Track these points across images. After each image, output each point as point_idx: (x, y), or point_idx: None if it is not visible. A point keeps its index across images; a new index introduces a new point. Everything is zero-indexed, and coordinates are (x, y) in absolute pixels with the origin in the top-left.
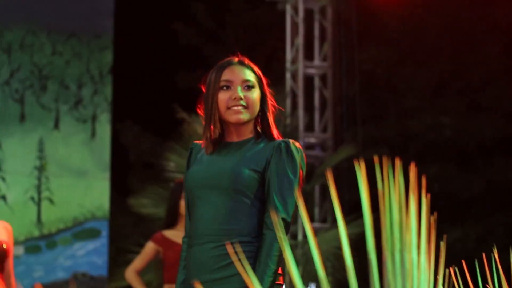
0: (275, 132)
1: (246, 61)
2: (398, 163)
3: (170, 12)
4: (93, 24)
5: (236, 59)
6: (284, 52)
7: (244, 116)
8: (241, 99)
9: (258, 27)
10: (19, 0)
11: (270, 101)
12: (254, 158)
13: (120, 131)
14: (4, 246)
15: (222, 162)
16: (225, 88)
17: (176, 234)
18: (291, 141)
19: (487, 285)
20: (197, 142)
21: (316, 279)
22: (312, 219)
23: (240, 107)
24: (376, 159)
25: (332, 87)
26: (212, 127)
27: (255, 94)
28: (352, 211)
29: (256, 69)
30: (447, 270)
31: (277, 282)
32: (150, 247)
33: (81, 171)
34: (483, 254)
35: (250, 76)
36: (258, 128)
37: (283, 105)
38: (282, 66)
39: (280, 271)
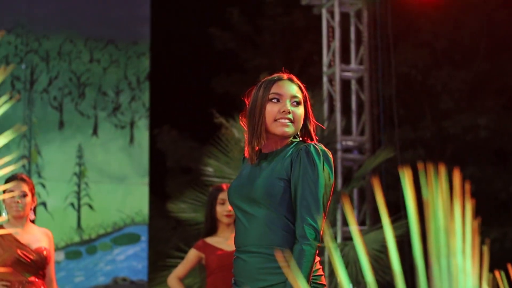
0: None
1: (295, 78)
2: (442, 169)
3: (206, 17)
4: (130, 31)
5: (286, 76)
6: (319, 56)
7: (290, 129)
8: (289, 112)
9: (293, 31)
10: (56, 8)
11: (313, 120)
12: (281, 167)
13: (158, 136)
14: (45, 252)
15: (257, 174)
16: (274, 100)
17: (217, 240)
18: (312, 144)
19: None
20: None
21: (355, 281)
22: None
23: (287, 121)
24: (420, 165)
25: (368, 90)
26: (257, 138)
27: (301, 110)
28: (391, 214)
29: (303, 87)
30: (491, 274)
31: (319, 282)
32: (192, 254)
33: (120, 176)
34: None
35: (298, 93)
36: (298, 137)
37: (320, 109)
38: (318, 70)
39: (322, 272)
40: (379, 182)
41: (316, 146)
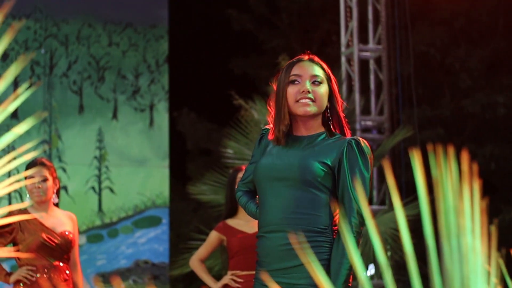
0: (347, 131)
1: (316, 58)
2: (451, 150)
3: None
4: (148, 14)
5: (306, 57)
6: (337, 36)
7: (311, 108)
8: (309, 92)
9: (311, 11)
10: None
11: (340, 98)
12: (323, 151)
13: (177, 119)
14: (70, 236)
15: (291, 154)
16: (295, 82)
17: (238, 223)
18: (360, 139)
19: None
20: (268, 127)
21: (374, 261)
22: (370, 201)
23: (307, 100)
24: (429, 146)
25: (387, 70)
26: (282, 120)
27: (323, 89)
28: (410, 193)
29: (325, 66)
30: (503, 252)
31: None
32: (213, 236)
33: (141, 159)
34: None
35: (319, 72)
36: (332, 127)
37: (339, 89)
38: (336, 50)
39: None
40: (398, 161)
41: (365, 141)
